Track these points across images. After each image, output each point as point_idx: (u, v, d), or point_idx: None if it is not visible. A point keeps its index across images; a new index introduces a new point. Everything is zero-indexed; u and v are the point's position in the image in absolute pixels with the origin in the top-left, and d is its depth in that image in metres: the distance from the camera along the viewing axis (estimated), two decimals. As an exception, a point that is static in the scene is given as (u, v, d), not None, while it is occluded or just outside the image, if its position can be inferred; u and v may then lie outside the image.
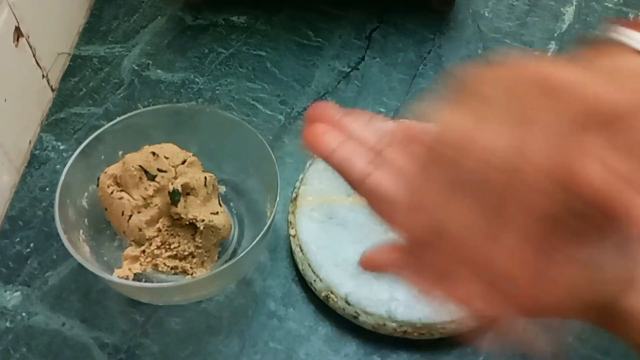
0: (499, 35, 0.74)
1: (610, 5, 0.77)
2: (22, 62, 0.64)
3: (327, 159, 0.35)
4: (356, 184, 0.34)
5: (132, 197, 0.54)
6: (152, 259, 0.54)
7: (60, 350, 0.54)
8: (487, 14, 0.76)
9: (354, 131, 0.35)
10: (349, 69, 0.71)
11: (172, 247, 0.54)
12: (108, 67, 0.72)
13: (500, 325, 0.29)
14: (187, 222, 0.54)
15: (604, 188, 0.25)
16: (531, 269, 0.28)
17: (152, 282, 0.55)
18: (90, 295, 0.57)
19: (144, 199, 0.54)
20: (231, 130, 0.58)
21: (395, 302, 0.53)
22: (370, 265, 0.35)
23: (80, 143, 0.56)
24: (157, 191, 0.54)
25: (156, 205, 0.54)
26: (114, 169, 0.56)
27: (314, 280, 0.55)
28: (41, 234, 0.60)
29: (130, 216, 0.54)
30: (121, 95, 0.70)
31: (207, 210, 0.55)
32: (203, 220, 0.54)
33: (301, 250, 0.56)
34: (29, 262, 0.59)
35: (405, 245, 0.33)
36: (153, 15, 0.76)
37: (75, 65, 0.72)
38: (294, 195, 0.60)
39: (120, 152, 0.57)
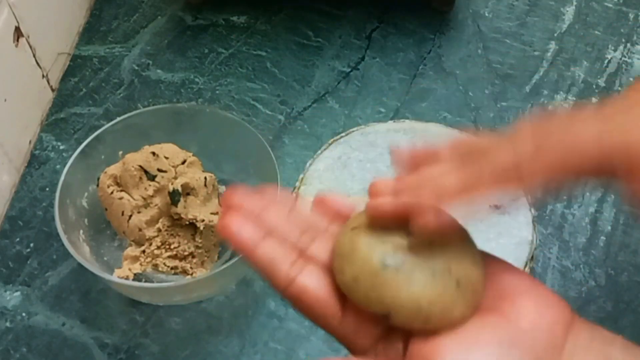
0: (499, 35, 0.74)
1: (610, 5, 0.77)
2: (22, 62, 0.64)
3: (249, 258, 0.33)
4: (280, 290, 0.33)
5: (132, 197, 0.54)
6: (152, 259, 0.54)
7: (60, 350, 0.54)
8: (487, 14, 0.76)
9: (275, 224, 0.34)
10: (349, 69, 0.71)
11: (172, 247, 0.54)
12: (108, 67, 0.72)
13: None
14: (187, 222, 0.54)
15: None
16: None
17: (152, 282, 0.55)
18: (90, 295, 0.57)
19: (144, 199, 0.54)
20: (231, 130, 0.58)
21: (395, 302, 0.53)
22: None
23: (80, 143, 0.56)
24: (157, 191, 0.54)
25: (156, 205, 0.54)
26: (114, 169, 0.56)
27: (314, 280, 0.55)
28: (41, 234, 0.60)
29: (130, 216, 0.54)
30: (121, 95, 0.70)
31: (207, 210, 0.55)
32: (203, 220, 0.54)
33: (301, 250, 0.56)
34: (29, 262, 0.59)
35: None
36: (153, 15, 0.76)
37: (75, 65, 0.72)
38: (294, 195, 0.60)
39: (120, 152, 0.57)
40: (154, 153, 0.54)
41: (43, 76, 0.67)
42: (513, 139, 0.31)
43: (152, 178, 0.54)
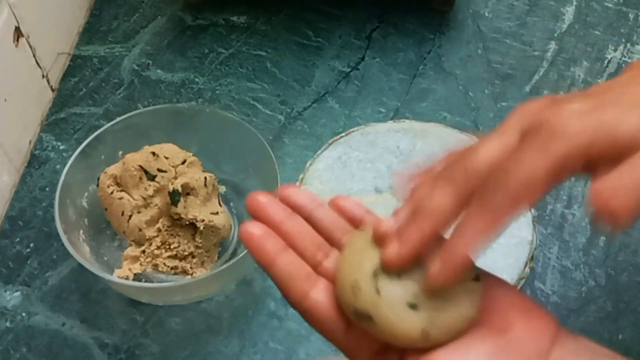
0: (499, 35, 0.74)
1: (610, 5, 0.77)
2: (22, 62, 0.64)
3: (267, 270, 0.35)
4: (293, 303, 0.35)
5: (132, 197, 0.54)
6: (152, 259, 0.54)
7: (60, 350, 0.54)
8: (487, 14, 0.76)
9: (294, 235, 0.35)
10: (349, 69, 0.71)
11: (172, 247, 0.54)
12: (108, 67, 0.72)
13: None
14: (187, 222, 0.54)
15: None
16: None
17: (152, 282, 0.55)
18: (90, 295, 0.57)
19: (144, 199, 0.54)
20: (231, 130, 0.58)
21: (395, 302, 0.53)
22: None
23: (80, 143, 0.56)
24: (157, 191, 0.54)
25: (156, 205, 0.54)
26: (114, 169, 0.56)
27: (314, 280, 0.55)
28: (41, 234, 0.60)
29: (130, 216, 0.54)
30: (121, 95, 0.70)
31: (207, 210, 0.55)
32: (203, 220, 0.54)
33: (301, 250, 0.56)
34: (29, 262, 0.59)
35: None
36: (153, 15, 0.76)
37: (75, 65, 0.72)
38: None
39: (120, 152, 0.57)
40: (154, 153, 0.54)
41: (43, 76, 0.67)
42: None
43: (152, 178, 0.54)
